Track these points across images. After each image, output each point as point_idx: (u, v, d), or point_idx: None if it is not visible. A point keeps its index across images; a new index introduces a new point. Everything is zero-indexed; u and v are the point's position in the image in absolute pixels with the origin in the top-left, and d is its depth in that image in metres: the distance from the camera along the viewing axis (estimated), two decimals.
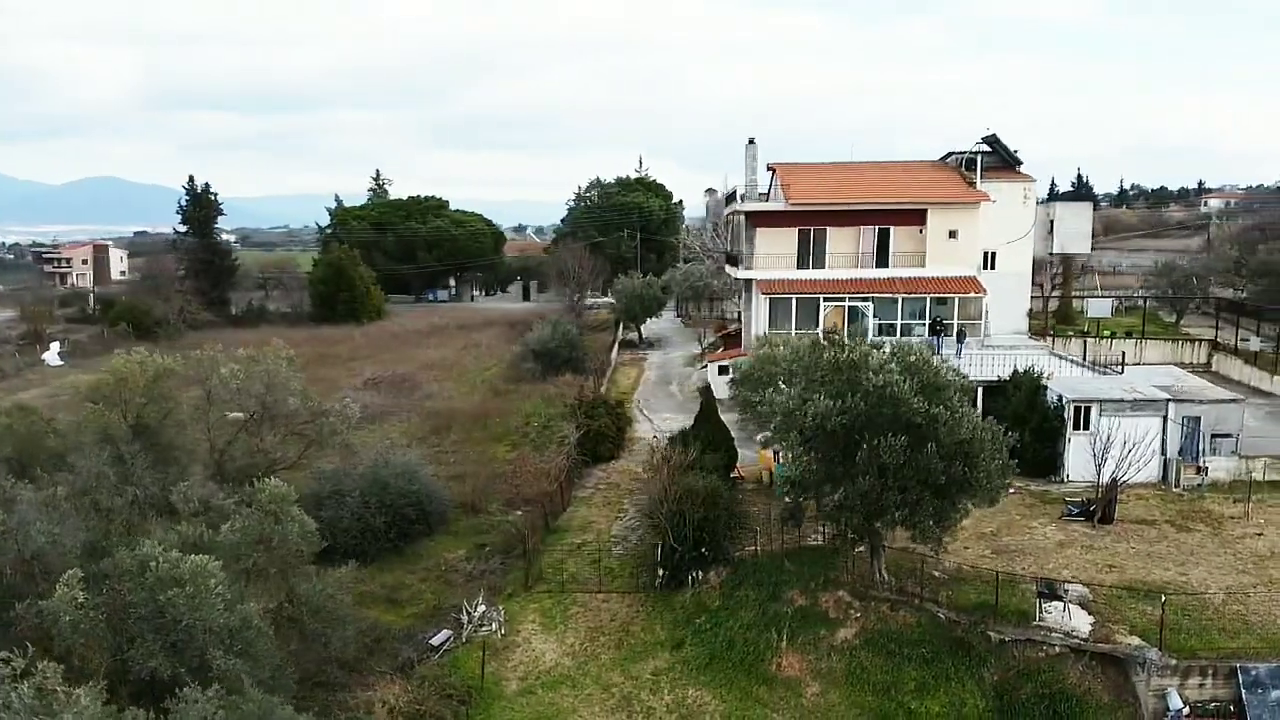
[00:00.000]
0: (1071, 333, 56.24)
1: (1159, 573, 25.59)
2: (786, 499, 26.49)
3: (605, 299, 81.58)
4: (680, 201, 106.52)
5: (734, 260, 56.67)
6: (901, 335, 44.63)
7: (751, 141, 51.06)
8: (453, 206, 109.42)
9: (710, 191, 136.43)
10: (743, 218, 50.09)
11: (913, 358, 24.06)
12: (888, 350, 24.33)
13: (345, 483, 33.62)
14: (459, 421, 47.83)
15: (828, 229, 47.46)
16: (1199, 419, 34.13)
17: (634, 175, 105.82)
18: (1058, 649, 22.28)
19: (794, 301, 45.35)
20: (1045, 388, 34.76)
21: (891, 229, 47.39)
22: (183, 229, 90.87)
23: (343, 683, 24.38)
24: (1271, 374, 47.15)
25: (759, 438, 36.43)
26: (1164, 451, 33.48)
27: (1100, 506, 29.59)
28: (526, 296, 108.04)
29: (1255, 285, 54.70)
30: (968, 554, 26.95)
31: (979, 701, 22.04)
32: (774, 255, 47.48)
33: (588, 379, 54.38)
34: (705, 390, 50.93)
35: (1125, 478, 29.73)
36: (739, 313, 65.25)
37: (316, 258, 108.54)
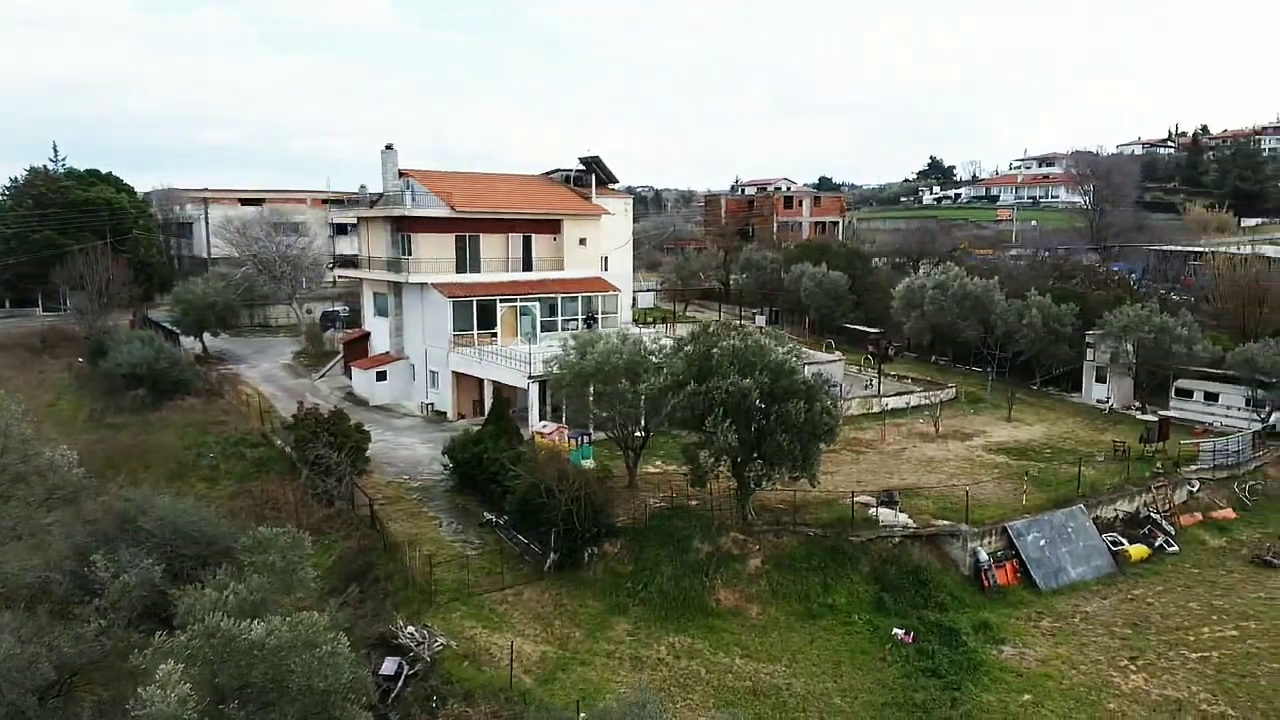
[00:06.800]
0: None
1: (892, 480, 36.64)
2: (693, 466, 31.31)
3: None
4: (145, 198, 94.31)
5: (351, 264, 56.18)
6: (562, 329, 50.50)
7: (389, 147, 51.77)
8: None
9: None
10: (391, 222, 50.73)
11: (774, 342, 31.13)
12: (763, 337, 30.95)
13: (138, 537, 28.48)
14: (111, 463, 40.40)
15: (481, 236, 50.93)
16: (820, 373, 46.97)
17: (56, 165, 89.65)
18: (898, 539, 31.51)
19: (474, 304, 48.13)
20: None
21: (534, 236, 52.77)
22: None
23: None
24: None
25: (536, 425, 39.59)
26: None
27: None
28: None
29: (746, 276, 72.35)
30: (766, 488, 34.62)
31: (865, 586, 30.22)
32: (435, 260, 49.36)
33: (221, 398, 49.38)
34: (390, 393, 50.48)
35: None
36: (341, 319, 63.88)
37: None
